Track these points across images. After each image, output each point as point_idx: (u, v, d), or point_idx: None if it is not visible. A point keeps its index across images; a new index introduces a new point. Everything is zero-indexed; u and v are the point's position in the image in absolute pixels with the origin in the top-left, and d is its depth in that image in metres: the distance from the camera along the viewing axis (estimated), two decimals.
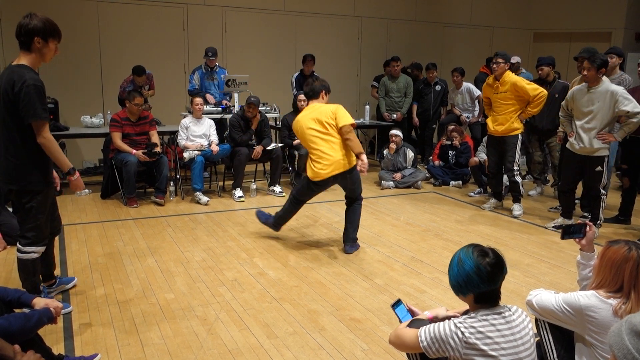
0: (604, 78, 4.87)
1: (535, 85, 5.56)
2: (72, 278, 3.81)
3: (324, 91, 4.61)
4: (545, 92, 5.54)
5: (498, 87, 5.60)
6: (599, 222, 5.08)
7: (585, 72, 4.82)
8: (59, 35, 3.09)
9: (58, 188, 3.59)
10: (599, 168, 4.96)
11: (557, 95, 6.01)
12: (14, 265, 4.00)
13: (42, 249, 3.27)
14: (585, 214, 5.35)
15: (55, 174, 3.51)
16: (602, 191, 5.04)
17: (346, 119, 4.39)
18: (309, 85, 4.63)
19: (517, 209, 5.85)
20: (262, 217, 4.88)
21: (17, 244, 3.23)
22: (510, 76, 5.57)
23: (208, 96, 7.26)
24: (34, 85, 2.92)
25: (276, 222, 4.81)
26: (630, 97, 4.75)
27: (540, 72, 6.26)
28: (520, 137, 5.68)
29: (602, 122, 4.85)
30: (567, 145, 5.16)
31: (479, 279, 1.91)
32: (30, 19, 2.98)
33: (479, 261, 1.92)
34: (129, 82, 6.97)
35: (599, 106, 4.83)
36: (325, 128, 4.40)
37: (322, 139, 4.39)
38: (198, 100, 6.39)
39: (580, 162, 5.05)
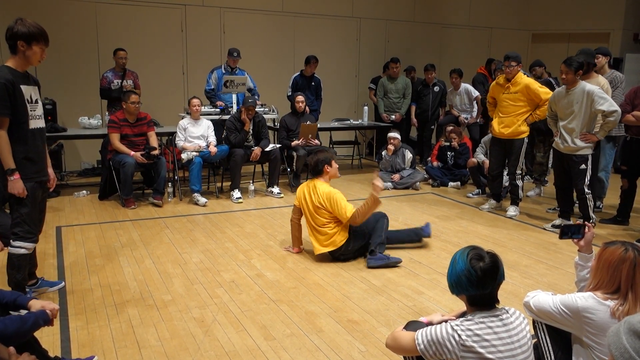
0: (598, 77, 4.90)
1: (548, 89, 5.53)
2: (59, 282, 3.79)
3: (326, 165, 4.39)
4: None
5: (509, 88, 5.53)
6: (592, 221, 5.11)
7: (563, 75, 4.96)
8: (45, 40, 3.18)
9: (52, 188, 3.62)
10: (582, 166, 5.05)
11: None
12: None
13: (31, 245, 3.32)
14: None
15: (53, 174, 3.53)
16: (587, 190, 5.09)
17: (345, 210, 4.20)
18: (313, 165, 4.41)
19: (512, 210, 5.84)
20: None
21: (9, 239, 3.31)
22: (523, 77, 5.51)
23: (218, 102, 7.25)
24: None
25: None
26: (605, 96, 4.86)
27: (533, 72, 6.30)
28: (526, 140, 5.66)
29: (581, 122, 4.97)
30: (554, 145, 5.30)
31: (468, 282, 1.91)
32: (16, 23, 3.10)
33: (472, 264, 1.91)
34: (107, 70, 6.97)
35: (577, 107, 4.95)
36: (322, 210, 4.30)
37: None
38: (195, 101, 6.38)
39: (566, 160, 5.15)
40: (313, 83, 7.88)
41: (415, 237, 4.74)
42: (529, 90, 5.45)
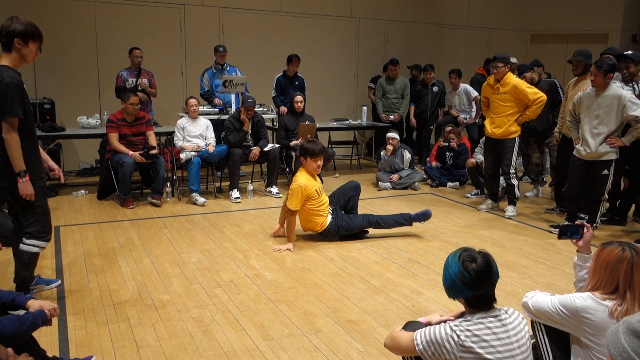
0: (616, 82, 4.83)
1: (536, 90, 5.53)
2: (55, 280, 3.79)
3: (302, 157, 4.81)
4: (545, 96, 5.50)
5: (498, 88, 5.57)
6: (595, 224, 5.07)
7: (592, 77, 4.76)
8: (40, 38, 3.21)
9: (62, 180, 3.70)
10: (605, 171, 4.87)
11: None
12: (9, 267, 3.98)
13: (44, 244, 3.35)
14: (582, 215, 5.34)
15: (56, 166, 3.59)
16: (605, 195, 4.98)
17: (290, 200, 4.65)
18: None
19: (510, 210, 5.84)
20: None
21: (22, 238, 3.31)
22: (511, 78, 5.53)
23: (216, 100, 7.24)
24: (11, 83, 3.03)
25: None
26: (638, 101, 4.66)
27: (523, 78, 6.23)
28: (517, 140, 5.67)
29: (609, 127, 4.76)
30: (574, 152, 5.06)
31: (463, 285, 1.91)
32: (11, 21, 3.12)
33: (464, 267, 1.91)
34: (123, 69, 6.96)
35: (606, 111, 4.74)
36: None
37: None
38: (192, 101, 6.38)
39: (587, 166, 4.96)
40: (297, 82, 7.86)
41: (405, 222, 5.02)
42: (516, 91, 5.46)
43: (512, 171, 5.72)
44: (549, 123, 6.26)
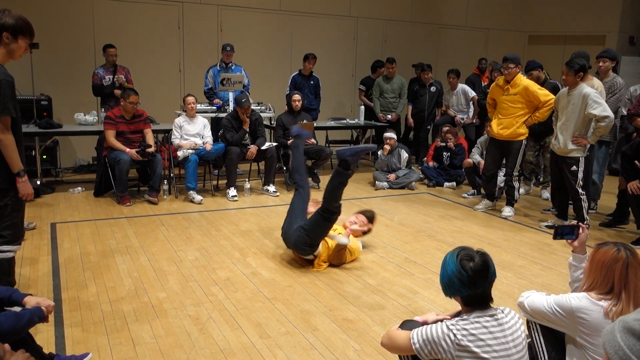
0: (593, 79, 4.97)
1: (547, 92, 5.53)
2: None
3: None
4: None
5: (508, 89, 5.55)
6: (585, 222, 5.13)
7: (564, 77, 5.02)
8: (31, 34, 3.05)
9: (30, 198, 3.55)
10: (573, 167, 5.09)
11: None
12: None
13: (18, 247, 3.22)
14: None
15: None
16: (581, 191, 5.12)
17: None
18: None
19: (507, 210, 5.86)
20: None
21: None
22: (522, 79, 5.53)
23: (216, 101, 7.23)
24: (5, 80, 2.91)
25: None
26: (600, 100, 4.86)
27: (529, 76, 6.25)
28: (524, 142, 5.67)
29: (575, 125, 5.00)
30: (550, 147, 5.37)
31: (460, 283, 1.92)
32: (2, 14, 2.95)
33: (462, 265, 1.92)
34: (98, 67, 6.94)
35: (573, 109, 4.99)
36: None
37: None
38: (190, 99, 6.37)
39: (560, 162, 5.20)
40: (312, 82, 7.89)
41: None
42: (527, 92, 5.45)
43: (515, 173, 5.75)
44: (546, 125, 6.27)
